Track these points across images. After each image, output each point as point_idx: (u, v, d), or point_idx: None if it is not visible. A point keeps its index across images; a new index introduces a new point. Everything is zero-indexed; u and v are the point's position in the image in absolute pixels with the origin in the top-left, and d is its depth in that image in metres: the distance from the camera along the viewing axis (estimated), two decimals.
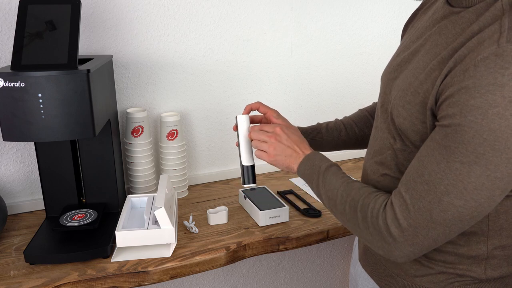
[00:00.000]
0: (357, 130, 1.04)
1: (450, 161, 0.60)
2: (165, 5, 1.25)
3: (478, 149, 0.58)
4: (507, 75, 0.55)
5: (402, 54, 0.77)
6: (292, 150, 0.88)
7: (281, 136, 0.89)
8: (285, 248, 1.10)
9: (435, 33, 0.70)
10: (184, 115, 1.37)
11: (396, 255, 0.68)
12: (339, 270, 1.79)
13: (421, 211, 0.63)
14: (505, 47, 0.56)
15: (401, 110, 0.70)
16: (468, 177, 0.59)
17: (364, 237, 0.73)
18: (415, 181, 0.65)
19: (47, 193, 1.10)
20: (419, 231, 0.64)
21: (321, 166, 0.83)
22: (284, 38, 1.43)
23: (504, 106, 0.55)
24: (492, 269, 0.72)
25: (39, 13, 0.89)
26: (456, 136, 0.59)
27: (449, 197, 0.61)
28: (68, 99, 0.86)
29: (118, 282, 0.94)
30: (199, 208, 1.24)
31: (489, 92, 0.56)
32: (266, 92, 1.46)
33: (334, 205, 0.78)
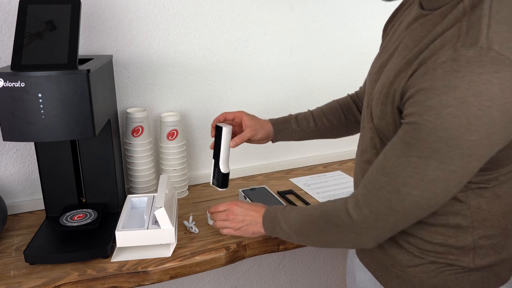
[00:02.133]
0: (325, 121, 1.11)
1: (409, 156, 0.65)
2: (165, 5, 1.25)
3: (433, 145, 0.62)
4: (460, 78, 0.59)
5: (383, 56, 0.81)
6: (249, 217, 0.97)
7: (236, 210, 0.98)
8: (285, 248, 1.10)
9: (406, 36, 0.74)
10: (184, 115, 1.37)
11: (365, 241, 0.75)
12: (339, 270, 1.79)
13: (381, 200, 0.69)
14: (460, 51, 0.60)
15: (377, 111, 0.75)
16: (424, 170, 0.64)
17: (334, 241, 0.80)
18: (378, 173, 0.71)
19: (47, 193, 1.10)
20: (380, 217, 0.71)
21: (276, 214, 0.91)
22: (284, 38, 1.43)
23: (457, 106, 0.59)
24: (480, 258, 0.76)
25: (39, 13, 0.89)
26: (414, 133, 0.64)
27: (407, 188, 0.66)
28: (68, 99, 0.86)
29: (118, 282, 0.94)
30: (199, 208, 1.24)
31: (443, 93, 0.60)
32: (266, 92, 1.46)
33: (301, 233, 0.85)
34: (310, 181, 1.43)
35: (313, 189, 1.36)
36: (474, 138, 0.60)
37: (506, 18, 0.61)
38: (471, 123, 0.59)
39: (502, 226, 0.77)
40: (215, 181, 1.09)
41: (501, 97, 0.58)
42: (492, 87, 0.58)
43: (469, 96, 0.58)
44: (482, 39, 0.59)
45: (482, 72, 0.58)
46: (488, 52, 0.58)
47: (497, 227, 0.76)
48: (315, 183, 1.41)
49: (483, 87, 0.58)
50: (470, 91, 0.58)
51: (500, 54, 0.58)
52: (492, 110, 0.59)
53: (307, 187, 1.38)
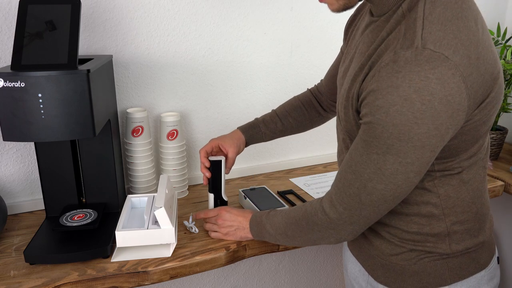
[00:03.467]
0: (291, 120, 1.17)
1: (369, 153, 0.71)
2: (165, 5, 1.25)
3: (387, 141, 0.67)
4: (401, 77, 0.64)
5: (345, 62, 0.86)
6: (237, 222, 1.02)
7: (225, 216, 1.04)
8: (285, 248, 1.10)
9: (360, 42, 0.79)
10: (184, 115, 1.37)
11: (344, 235, 0.80)
12: (339, 270, 1.79)
13: (352, 196, 0.75)
14: (399, 53, 0.65)
15: (342, 114, 0.81)
16: (384, 164, 0.69)
17: (317, 238, 0.84)
18: (346, 171, 0.76)
19: (47, 193, 1.10)
20: (353, 212, 0.76)
21: (262, 218, 0.96)
22: (284, 38, 1.43)
23: (401, 104, 0.64)
24: (456, 243, 0.81)
25: (39, 13, 0.89)
26: (370, 132, 0.69)
27: (372, 183, 0.72)
28: (68, 99, 0.86)
29: (118, 282, 0.94)
30: (199, 208, 1.24)
31: (389, 93, 0.65)
32: (266, 92, 1.46)
33: (286, 235, 0.90)
34: (310, 181, 1.43)
35: (313, 189, 1.36)
36: (422, 131, 0.65)
37: (438, 18, 0.66)
38: (417, 117, 0.64)
39: (474, 211, 0.81)
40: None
41: (441, 91, 0.63)
42: (430, 82, 0.63)
43: (411, 93, 0.64)
44: (417, 40, 0.65)
45: (419, 70, 0.63)
46: (423, 51, 0.64)
47: (468, 212, 0.80)
48: (315, 183, 1.41)
49: (422, 84, 0.63)
50: (411, 88, 0.63)
51: (434, 51, 0.63)
52: (435, 103, 0.64)
53: (307, 187, 1.38)
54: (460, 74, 0.64)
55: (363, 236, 0.89)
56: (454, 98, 0.64)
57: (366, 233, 0.87)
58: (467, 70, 0.65)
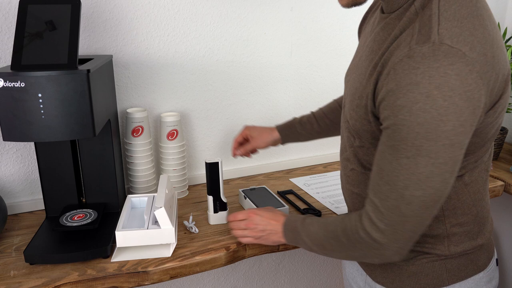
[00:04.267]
0: (327, 121, 1.17)
1: (398, 158, 0.66)
2: (165, 5, 1.25)
3: (415, 142, 0.64)
4: (420, 74, 0.62)
5: (355, 60, 0.85)
6: (270, 226, 0.96)
7: (256, 220, 0.98)
8: (285, 248, 1.10)
9: (371, 40, 0.77)
10: (184, 115, 1.37)
11: (389, 255, 0.74)
12: (339, 270, 1.79)
13: (391, 210, 0.69)
14: (414, 48, 0.63)
15: (352, 113, 0.77)
16: (417, 168, 0.65)
17: (359, 256, 0.79)
18: (378, 184, 0.70)
19: (47, 193, 1.10)
20: (396, 227, 0.70)
21: (297, 225, 0.90)
22: (284, 38, 1.43)
23: (424, 101, 0.62)
24: (455, 245, 0.80)
25: (39, 13, 0.89)
26: (395, 135, 0.66)
27: (409, 191, 0.67)
28: (68, 99, 0.86)
29: (118, 282, 0.94)
30: (199, 208, 1.24)
31: (409, 91, 0.63)
32: (266, 92, 1.46)
33: (324, 248, 0.84)
34: (310, 181, 1.43)
35: (313, 189, 1.36)
36: (449, 128, 0.63)
37: (454, 15, 0.64)
38: (441, 114, 0.62)
39: (474, 214, 0.80)
40: (218, 211, 1.14)
41: (460, 86, 0.61)
42: (450, 78, 0.61)
43: (432, 90, 0.62)
44: (433, 35, 0.63)
45: (438, 66, 0.61)
46: (440, 46, 0.62)
47: (468, 214, 0.79)
48: (315, 183, 1.41)
49: (441, 80, 0.61)
50: (432, 85, 0.61)
51: (452, 47, 0.62)
52: (456, 99, 0.62)
53: (307, 187, 1.38)
54: (477, 71, 0.62)
55: None
56: (473, 94, 0.62)
57: None
58: (483, 68, 0.63)
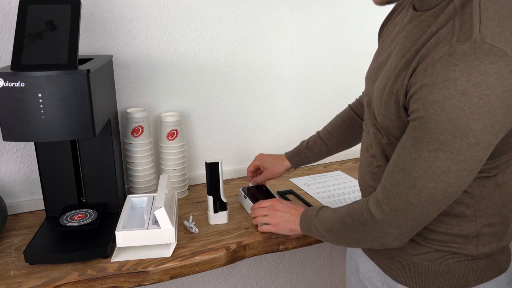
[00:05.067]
0: (334, 140, 1.18)
1: (419, 150, 0.68)
2: (165, 5, 1.25)
3: (440, 137, 0.65)
4: (458, 71, 0.62)
5: (380, 58, 0.85)
6: (289, 214, 1.02)
7: (278, 206, 1.05)
8: (285, 248, 1.10)
9: (402, 37, 0.77)
10: (184, 115, 1.37)
11: (389, 240, 0.77)
12: (339, 270, 1.79)
13: (399, 196, 0.72)
14: (455, 46, 0.63)
15: (380, 109, 0.77)
16: (435, 162, 0.67)
17: (361, 239, 0.81)
18: (393, 171, 0.73)
19: (47, 193, 1.10)
20: (400, 213, 0.73)
21: (312, 213, 0.94)
22: (284, 38, 1.43)
23: (458, 98, 0.62)
24: (483, 245, 0.79)
25: (39, 13, 0.89)
26: (421, 128, 0.67)
27: (422, 181, 0.69)
28: (68, 99, 0.86)
29: (118, 282, 0.94)
30: (199, 208, 1.24)
31: (445, 87, 0.63)
32: (266, 92, 1.46)
33: (332, 232, 0.87)
34: (310, 181, 1.43)
35: (313, 189, 1.36)
36: (478, 127, 0.63)
37: (495, 14, 0.64)
38: (473, 112, 0.62)
39: (503, 214, 0.80)
40: (218, 211, 1.14)
41: (499, 86, 0.61)
42: (489, 77, 0.61)
43: (469, 87, 0.62)
44: (475, 34, 0.63)
45: (478, 64, 0.61)
46: (482, 45, 0.62)
47: (498, 215, 0.79)
48: (315, 183, 1.41)
49: (480, 78, 0.61)
50: (469, 82, 0.62)
51: (493, 46, 0.62)
52: (492, 99, 0.62)
53: (307, 187, 1.38)
54: None
55: None
56: (510, 95, 0.62)
57: None
58: None
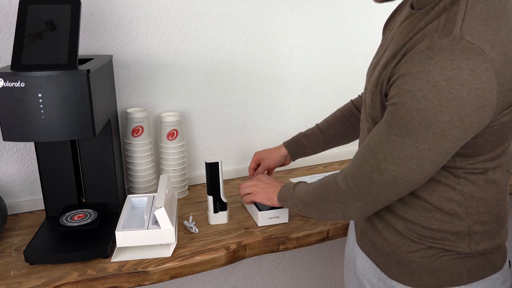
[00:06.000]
0: (332, 131, 1.20)
1: (389, 134, 0.71)
2: (165, 5, 1.25)
3: (408, 124, 0.68)
4: (433, 64, 0.64)
5: (378, 54, 0.87)
6: (270, 185, 1.09)
7: (262, 178, 1.13)
8: (285, 248, 1.10)
9: (397, 33, 0.80)
10: (184, 115, 1.37)
11: (351, 212, 0.82)
12: (339, 270, 1.79)
13: (364, 173, 0.76)
14: (435, 41, 0.65)
15: (369, 101, 0.81)
16: (401, 147, 0.70)
17: (328, 210, 0.86)
18: (363, 149, 0.77)
19: (47, 193, 1.10)
20: (362, 189, 0.77)
21: (290, 186, 1.00)
22: (284, 38, 1.43)
23: (429, 90, 0.65)
24: (476, 243, 0.80)
25: (39, 13, 0.89)
26: (394, 114, 0.70)
27: (386, 163, 0.72)
28: (68, 99, 0.86)
29: (118, 282, 0.94)
30: (199, 208, 1.24)
31: (418, 78, 0.66)
32: (266, 92, 1.46)
33: (304, 202, 0.93)
34: (310, 181, 1.42)
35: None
36: (445, 119, 0.66)
37: (480, 14, 0.66)
38: (442, 105, 0.65)
39: (496, 213, 0.81)
40: (218, 211, 1.15)
41: (472, 82, 0.63)
42: (462, 72, 0.63)
43: (441, 81, 0.64)
44: (455, 31, 0.65)
45: (453, 59, 0.63)
46: (460, 41, 0.63)
47: (490, 213, 0.80)
48: None
49: (453, 72, 0.63)
50: (441, 76, 0.64)
51: (471, 43, 0.63)
52: (463, 93, 0.64)
53: None
54: (494, 70, 0.64)
55: (377, 232, 0.89)
56: (483, 92, 0.64)
57: (381, 229, 0.87)
58: (501, 67, 0.64)
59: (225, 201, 1.13)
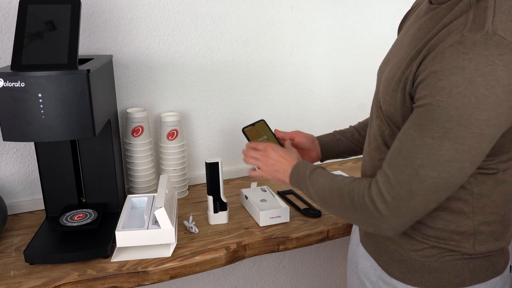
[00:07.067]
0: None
1: (424, 137, 0.67)
2: (165, 5, 1.25)
3: (446, 124, 0.65)
4: (467, 59, 0.62)
5: (392, 50, 0.85)
6: (280, 164, 0.98)
7: (270, 153, 0.99)
8: (285, 248, 1.10)
9: (415, 29, 0.77)
10: (184, 115, 1.37)
11: (385, 229, 0.75)
12: (339, 270, 1.79)
13: (402, 184, 0.70)
14: (466, 35, 0.64)
15: (387, 97, 0.78)
16: (439, 150, 0.66)
17: (355, 220, 0.81)
18: (396, 158, 0.72)
19: (47, 193, 1.10)
20: (401, 202, 0.71)
21: (305, 172, 0.91)
22: (284, 38, 1.43)
23: (465, 86, 0.62)
24: (480, 244, 0.79)
25: (39, 13, 0.89)
26: (427, 114, 0.67)
27: (425, 169, 0.68)
28: (68, 99, 0.86)
29: (118, 282, 0.94)
30: (199, 208, 1.24)
31: (453, 74, 0.63)
32: (266, 92, 1.46)
33: (325, 200, 0.86)
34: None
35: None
36: (483, 118, 0.63)
37: (510, 10, 0.65)
38: (479, 101, 0.62)
39: (501, 214, 0.80)
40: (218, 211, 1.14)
41: (505, 78, 0.62)
42: (497, 68, 0.61)
43: (476, 76, 0.62)
44: (487, 25, 0.63)
45: (488, 54, 0.62)
46: (493, 36, 0.62)
47: (496, 214, 0.79)
48: None
49: (488, 68, 0.61)
50: (477, 71, 0.62)
51: (504, 38, 0.62)
52: (498, 90, 0.62)
53: None
54: None
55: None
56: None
57: None
58: None
59: (225, 201, 1.13)
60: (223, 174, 1.13)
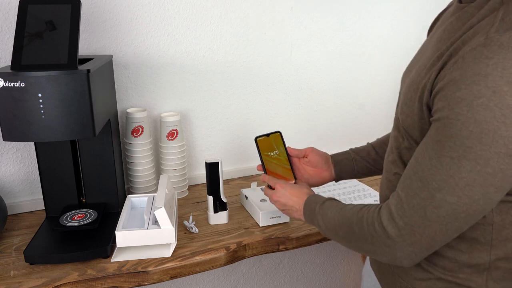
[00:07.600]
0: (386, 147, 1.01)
1: (441, 156, 0.59)
2: (165, 5, 1.25)
3: (465, 142, 0.56)
4: (491, 65, 0.53)
5: (418, 55, 0.77)
6: (292, 202, 0.92)
7: (279, 192, 0.95)
8: (285, 248, 1.10)
9: (441, 31, 0.69)
10: (184, 115, 1.37)
11: (399, 257, 0.67)
12: (339, 270, 1.79)
13: (415, 208, 0.62)
14: (492, 37, 0.55)
15: (404, 107, 0.69)
16: (458, 172, 0.57)
17: (368, 250, 0.72)
18: (410, 179, 0.64)
19: (47, 193, 1.10)
20: (415, 229, 0.63)
21: (315, 207, 0.84)
22: (284, 38, 1.43)
23: (489, 97, 0.53)
24: (495, 281, 0.68)
25: (39, 13, 0.89)
26: (445, 130, 0.58)
27: (442, 194, 0.59)
28: (68, 99, 0.86)
29: (118, 282, 0.94)
30: (199, 208, 1.24)
31: (474, 83, 0.54)
32: (266, 92, 1.46)
33: (336, 233, 0.78)
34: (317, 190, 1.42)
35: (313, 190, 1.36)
36: (510, 134, 0.54)
37: None
38: (505, 115, 0.53)
39: None
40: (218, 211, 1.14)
41: None
42: None
43: (503, 85, 0.53)
44: None
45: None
46: None
47: None
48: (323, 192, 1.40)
49: None
50: (503, 79, 0.53)
51: None
52: None
53: None
54: None
55: None
56: None
57: None
58: None
59: (225, 201, 1.13)
60: (223, 174, 1.13)
